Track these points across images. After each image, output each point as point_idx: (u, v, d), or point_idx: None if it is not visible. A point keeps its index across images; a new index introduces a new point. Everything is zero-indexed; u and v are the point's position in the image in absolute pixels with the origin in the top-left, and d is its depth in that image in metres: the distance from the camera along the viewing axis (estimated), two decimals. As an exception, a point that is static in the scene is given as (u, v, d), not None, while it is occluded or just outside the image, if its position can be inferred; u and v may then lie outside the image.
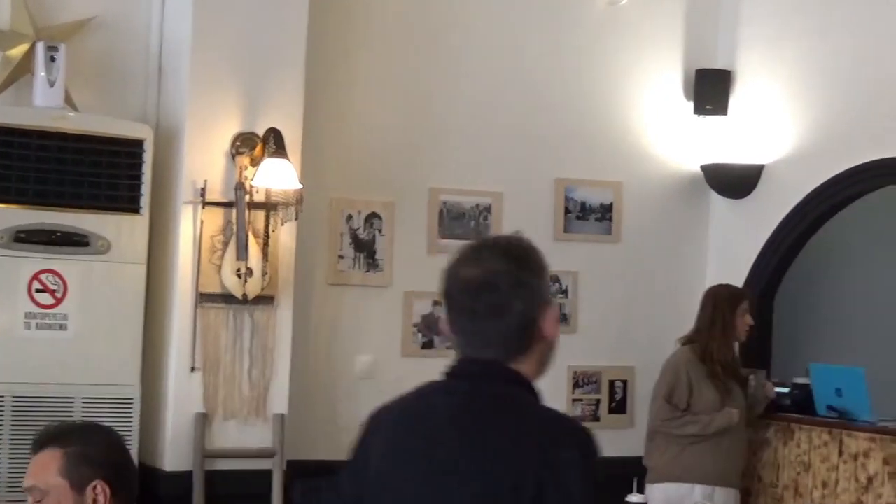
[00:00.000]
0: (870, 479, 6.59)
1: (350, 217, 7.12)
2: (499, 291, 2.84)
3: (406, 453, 2.87)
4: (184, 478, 6.31)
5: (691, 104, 7.71)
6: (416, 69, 7.26)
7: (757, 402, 7.02)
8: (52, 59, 6.21)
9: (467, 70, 7.36)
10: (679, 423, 6.77)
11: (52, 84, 6.21)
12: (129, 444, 5.46)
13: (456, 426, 2.86)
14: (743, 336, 6.88)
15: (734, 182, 7.62)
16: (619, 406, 7.63)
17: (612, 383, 7.61)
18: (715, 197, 7.76)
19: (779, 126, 7.44)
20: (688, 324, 7.66)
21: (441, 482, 2.81)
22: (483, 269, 2.86)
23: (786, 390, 7.11)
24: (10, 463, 5.95)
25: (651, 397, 6.94)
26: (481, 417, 2.85)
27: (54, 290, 6.15)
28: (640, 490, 6.68)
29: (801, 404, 7.03)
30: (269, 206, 6.44)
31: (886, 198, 7.47)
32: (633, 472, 6.42)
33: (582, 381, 7.55)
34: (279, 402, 6.54)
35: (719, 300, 6.90)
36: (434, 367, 7.60)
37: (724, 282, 7.32)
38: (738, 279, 7.49)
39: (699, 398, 6.80)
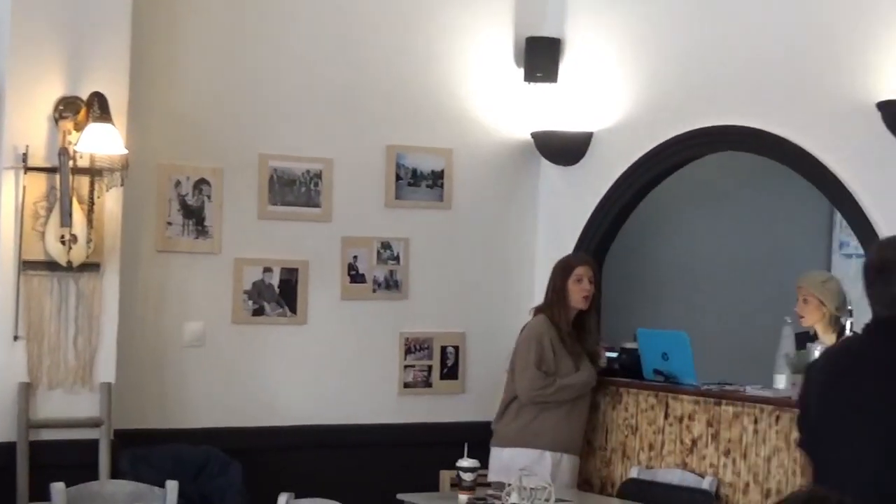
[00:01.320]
0: (694, 441, 6.72)
1: (178, 183, 7.01)
2: None
3: (834, 396, 3.73)
4: (7, 449, 6.18)
5: (521, 71, 7.75)
6: (244, 34, 7.17)
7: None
8: None
9: (297, 36, 7.28)
10: (553, 389, 6.85)
11: None
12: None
13: (873, 372, 3.76)
14: (580, 303, 6.96)
15: (564, 149, 7.68)
16: (450, 372, 7.65)
17: (443, 349, 7.63)
18: (545, 164, 7.82)
19: (608, 94, 7.52)
20: (518, 290, 7.76)
21: (861, 419, 3.72)
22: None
23: (615, 355, 7.21)
24: None
25: (517, 367, 6.93)
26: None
27: None
28: (471, 455, 6.72)
29: (630, 368, 7.13)
30: (93, 172, 6.32)
31: (712, 165, 7.60)
32: (464, 437, 6.46)
33: (413, 346, 7.55)
34: (106, 370, 6.44)
35: (556, 269, 7.02)
36: (265, 334, 7.64)
37: (552, 248, 7.42)
38: (568, 246, 7.57)
39: (561, 364, 6.90)
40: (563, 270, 7.00)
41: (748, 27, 6.82)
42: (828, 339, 6.73)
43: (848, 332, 6.10)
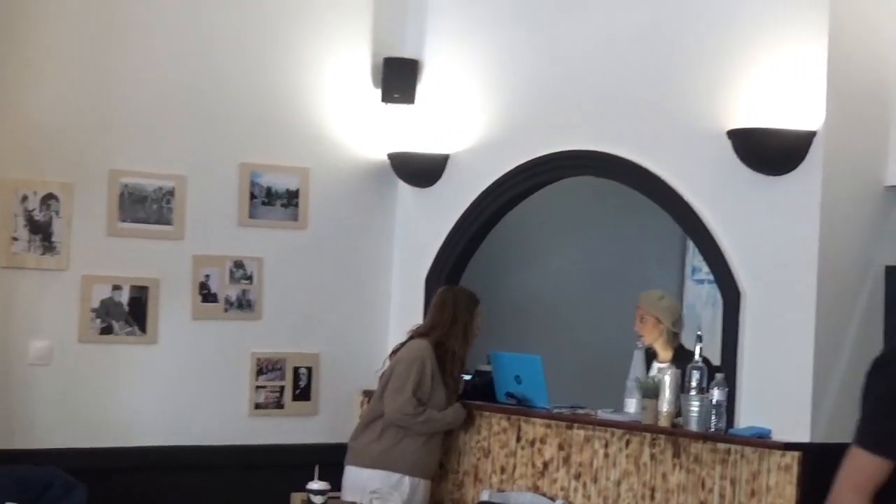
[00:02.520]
0: (545, 464, 6.74)
1: (25, 198, 6.86)
2: None
3: None
4: None
5: (379, 92, 7.73)
6: (97, 46, 7.04)
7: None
8: None
9: (152, 49, 7.18)
10: (421, 419, 6.81)
11: None
12: None
13: None
14: (474, 339, 6.96)
15: (420, 171, 7.68)
16: (303, 393, 7.58)
17: (296, 370, 7.56)
18: (401, 185, 7.81)
19: (465, 116, 7.54)
20: (373, 312, 7.72)
21: None
22: None
23: (468, 377, 7.20)
24: None
25: (392, 386, 6.84)
26: None
27: None
28: (322, 477, 6.68)
29: (483, 391, 7.13)
30: (-64, 185, 6.15)
31: (568, 189, 7.65)
32: (316, 459, 6.40)
33: (266, 367, 7.47)
34: (-54, 389, 6.26)
35: (461, 300, 6.96)
36: (113, 353, 7.48)
37: (408, 269, 7.39)
38: (424, 267, 7.56)
39: (435, 394, 6.86)
40: (470, 304, 6.96)
41: (602, 53, 6.87)
42: (666, 355, 6.93)
43: (697, 356, 6.17)
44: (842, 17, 5.94)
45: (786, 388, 5.94)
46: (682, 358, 6.77)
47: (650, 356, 6.98)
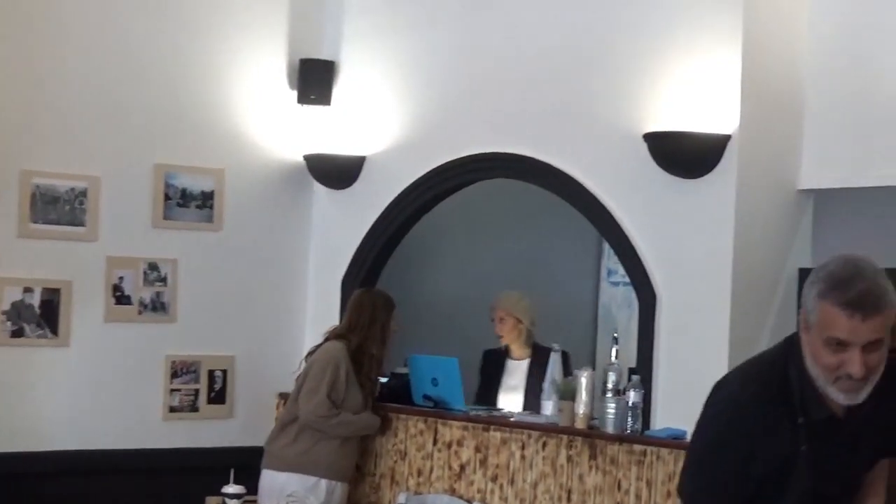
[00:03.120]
0: (462, 467, 6.73)
1: (-66, 198, 6.74)
2: None
3: None
4: None
5: (295, 93, 7.69)
6: (8, 45, 6.94)
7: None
8: None
9: (65, 48, 7.09)
10: (335, 421, 6.75)
11: None
12: None
13: None
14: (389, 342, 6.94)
15: (336, 172, 7.65)
16: (218, 396, 7.52)
17: (211, 373, 7.50)
18: (318, 187, 7.78)
19: (381, 118, 7.52)
20: (290, 313, 7.68)
21: None
22: None
23: (385, 380, 7.18)
24: None
25: (306, 388, 6.77)
26: None
27: None
28: (238, 481, 6.63)
29: (399, 394, 7.12)
30: None
31: (485, 191, 7.66)
32: (231, 463, 6.35)
33: (180, 370, 7.40)
34: None
35: (378, 302, 6.91)
36: (25, 356, 7.37)
37: (325, 271, 7.36)
38: (340, 269, 7.54)
39: (350, 397, 6.81)
40: (388, 306, 6.91)
41: (518, 56, 6.89)
42: (523, 353, 7.29)
43: (613, 358, 6.19)
44: (755, 22, 6.01)
45: (701, 390, 5.91)
46: (539, 355, 7.13)
47: (499, 355, 7.35)
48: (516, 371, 7.42)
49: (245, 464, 6.81)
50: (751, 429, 3.22)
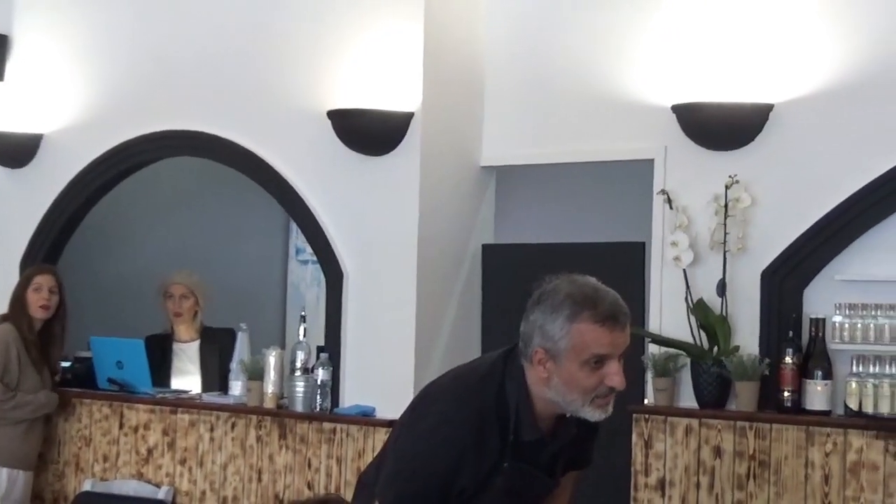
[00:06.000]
0: (150, 451, 6.62)
1: None
2: None
3: None
4: None
5: (-33, 68, 7.38)
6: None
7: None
8: None
9: None
10: (12, 404, 6.54)
11: None
12: None
13: None
14: (38, 313, 6.69)
15: (11, 150, 7.37)
16: None
17: None
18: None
19: (59, 95, 7.27)
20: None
21: None
22: None
23: (68, 364, 6.99)
24: None
25: None
26: None
27: None
28: None
29: (84, 378, 6.94)
30: None
31: (171, 169, 7.53)
32: None
33: None
34: None
35: (21, 279, 6.75)
36: None
37: (2, 253, 7.09)
38: (18, 251, 7.27)
39: (25, 377, 6.60)
40: (23, 280, 6.75)
41: (201, 33, 6.78)
42: (193, 334, 7.26)
43: (301, 336, 6.18)
44: (436, 1, 6.07)
45: (389, 367, 6.03)
46: (208, 337, 7.22)
47: (163, 339, 7.23)
48: (185, 354, 7.28)
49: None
50: (463, 446, 3.23)
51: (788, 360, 5.24)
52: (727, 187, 5.39)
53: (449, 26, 6.14)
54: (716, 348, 5.41)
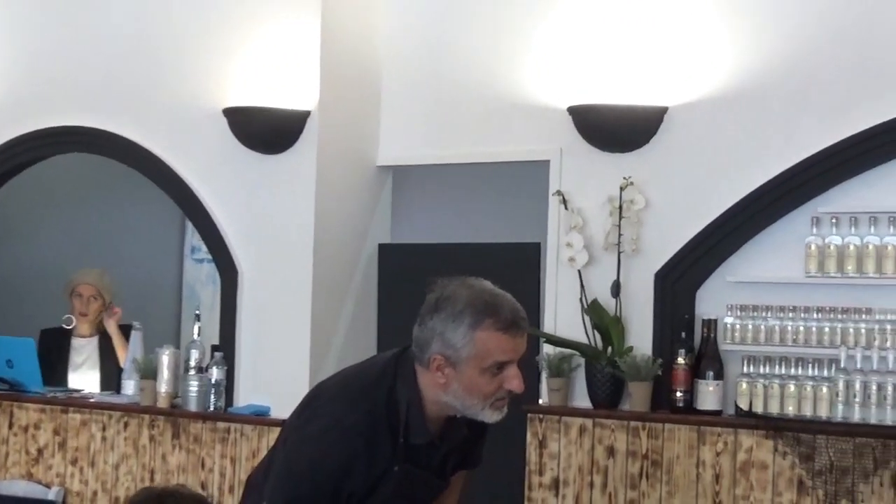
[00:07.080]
0: (40, 451, 6.53)
1: None
2: None
3: None
4: None
5: None
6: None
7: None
8: None
9: None
10: None
11: None
12: None
13: None
14: None
15: None
16: None
17: None
18: None
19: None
20: None
21: None
22: None
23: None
24: None
25: None
26: None
27: None
28: None
29: (-27, 377, 6.84)
30: None
31: (61, 165, 7.43)
32: None
33: None
34: None
35: None
36: None
37: None
38: None
39: None
40: None
41: (97, 29, 6.70)
42: (91, 331, 7.18)
43: (196, 336, 6.14)
44: (333, 1, 6.06)
45: (284, 366, 6.01)
46: (107, 334, 7.11)
47: (61, 333, 7.14)
48: (84, 349, 7.21)
49: None
50: (353, 450, 3.21)
51: (681, 360, 5.30)
52: (622, 189, 5.45)
53: (347, 25, 6.13)
54: (610, 349, 5.47)
